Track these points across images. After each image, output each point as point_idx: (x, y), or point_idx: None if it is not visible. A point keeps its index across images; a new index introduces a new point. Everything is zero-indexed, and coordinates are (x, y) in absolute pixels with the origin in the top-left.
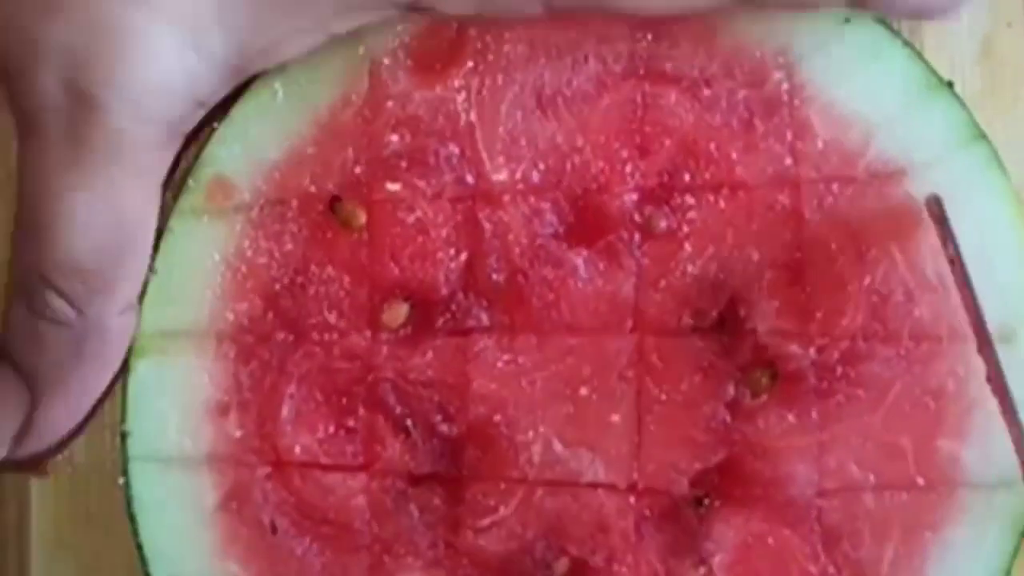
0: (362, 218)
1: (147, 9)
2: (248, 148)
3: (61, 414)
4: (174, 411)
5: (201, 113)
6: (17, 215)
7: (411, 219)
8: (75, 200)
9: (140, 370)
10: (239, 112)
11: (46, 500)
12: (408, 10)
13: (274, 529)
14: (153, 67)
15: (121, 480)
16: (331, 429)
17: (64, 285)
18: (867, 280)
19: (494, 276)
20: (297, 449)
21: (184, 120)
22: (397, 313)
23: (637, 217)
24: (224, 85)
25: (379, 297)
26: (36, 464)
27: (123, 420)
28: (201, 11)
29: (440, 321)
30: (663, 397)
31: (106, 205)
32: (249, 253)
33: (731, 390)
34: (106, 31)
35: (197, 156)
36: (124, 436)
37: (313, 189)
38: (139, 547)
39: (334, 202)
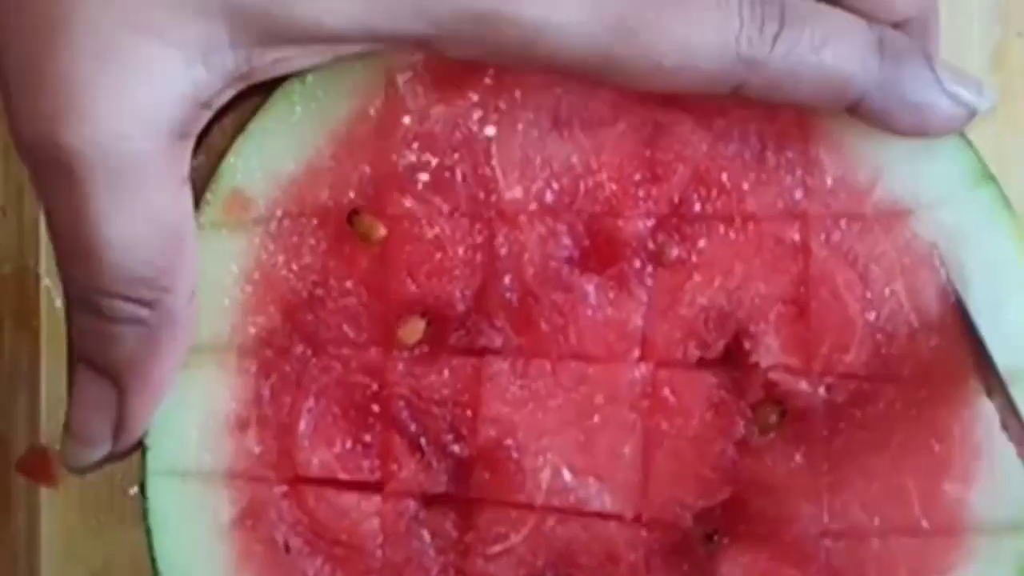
0: (381, 232)
1: (153, 36)
2: (265, 162)
3: (148, 405)
4: (195, 426)
5: (209, 114)
6: (54, 244)
7: (429, 235)
8: (114, 224)
9: None
10: (256, 126)
11: (56, 510)
12: (416, 49)
13: (288, 548)
14: (160, 89)
15: (132, 490)
16: (348, 444)
17: (129, 292)
18: (872, 317)
19: (507, 295)
20: (315, 463)
21: (193, 122)
22: (414, 329)
23: (650, 244)
24: (231, 89)
25: (395, 313)
26: (46, 474)
27: (144, 434)
28: (212, 33)
29: (454, 338)
30: (673, 432)
31: (144, 220)
32: (268, 266)
33: (741, 428)
34: (110, 59)
35: (214, 170)
36: (144, 451)
37: (331, 203)
38: (153, 561)
39: (353, 215)
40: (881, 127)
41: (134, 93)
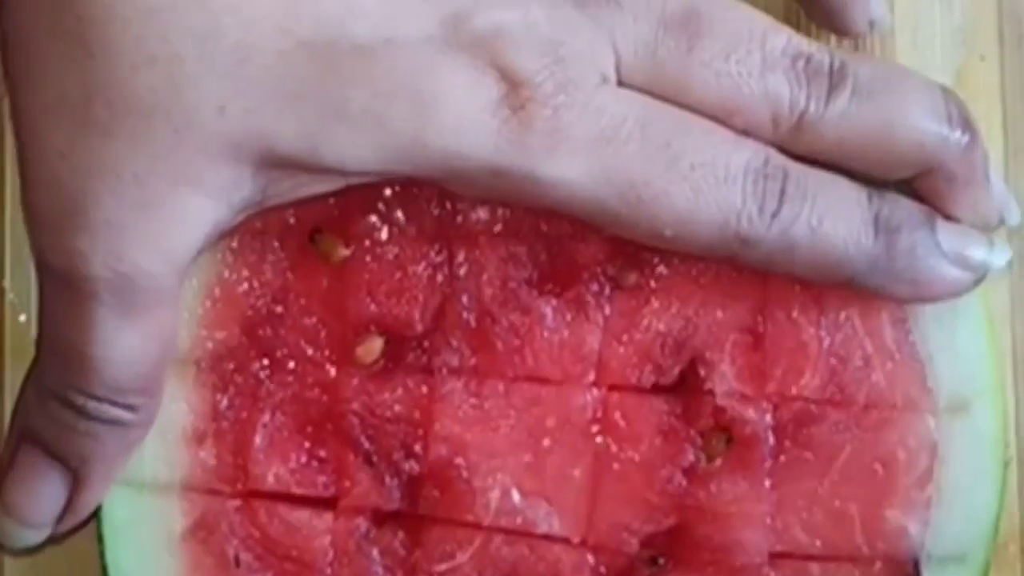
0: (342, 251)
1: (191, 185)
2: None
3: (101, 494)
4: (152, 437)
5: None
6: (44, 343)
7: (389, 254)
8: (120, 345)
9: None
10: None
11: None
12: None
13: (237, 562)
14: (191, 233)
15: None
16: (303, 459)
17: (119, 399)
18: (827, 342)
19: (465, 315)
20: (270, 477)
21: (204, 250)
22: (371, 348)
23: (609, 269)
24: (242, 215)
25: (354, 331)
26: None
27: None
28: (240, 174)
29: (411, 357)
30: (622, 456)
31: (149, 337)
32: (229, 282)
33: (690, 455)
34: (152, 209)
35: None
36: None
37: (293, 221)
38: (104, 570)
39: (315, 234)
40: (880, 294)
41: (169, 239)
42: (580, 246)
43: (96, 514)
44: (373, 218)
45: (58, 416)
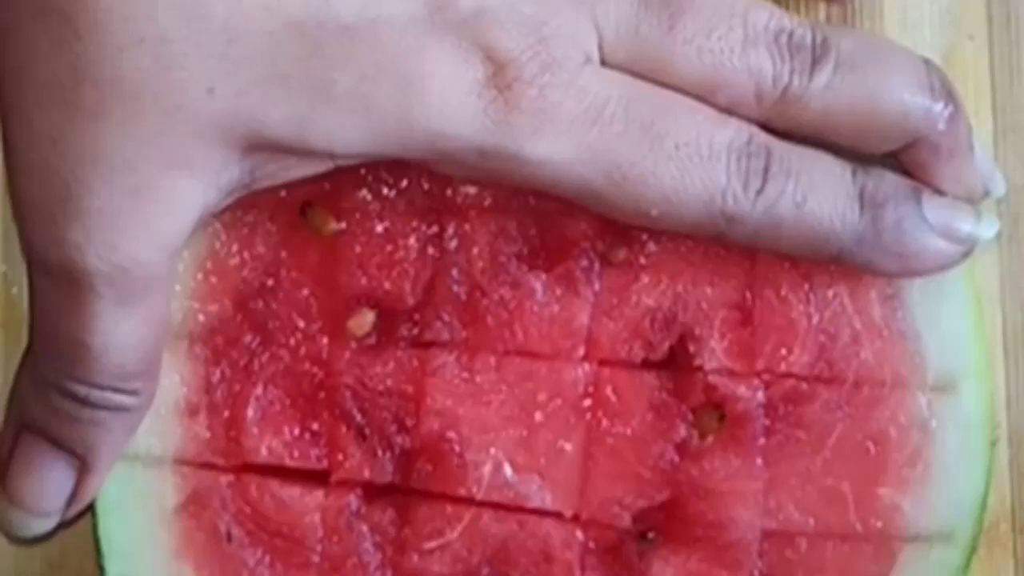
0: (333, 225)
1: (181, 168)
2: None
3: (107, 473)
4: None
5: None
6: (37, 335)
7: (380, 228)
8: (119, 333)
9: None
10: None
11: None
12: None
13: (229, 537)
14: (182, 217)
15: None
16: (296, 432)
17: (121, 386)
18: (816, 319)
19: (455, 289)
20: (263, 450)
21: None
22: (362, 321)
23: (599, 245)
24: (230, 199)
25: (345, 304)
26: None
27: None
28: (228, 157)
29: (403, 330)
30: (614, 431)
31: (146, 323)
32: (221, 255)
33: (682, 431)
34: (143, 195)
35: None
36: None
37: (285, 195)
38: (96, 543)
39: (306, 208)
40: (867, 271)
41: (162, 225)
42: (570, 222)
43: None
44: (363, 192)
45: (60, 407)
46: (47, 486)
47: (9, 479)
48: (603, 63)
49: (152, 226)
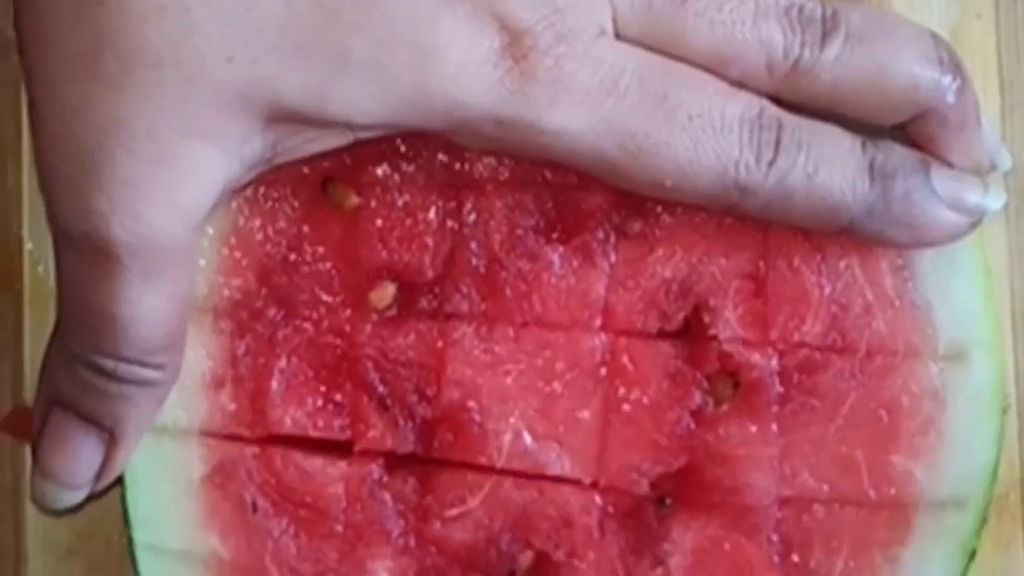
0: (354, 199)
1: (202, 138)
2: None
3: (134, 445)
4: None
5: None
6: (65, 309)
7: (400, 202)
8: (144, 305)
9: None
10: None
11: None
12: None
13: (254, 508)
14: (204, 187)
15: None
16: (319, 403)
17: (147, 359)
18: (828, 289)
19: (474, 262)
20: (287, 421)
21: (217, 206)
22: (383, 294)
23: (614, 217)
24: (252, 173)
25: (366, 278)
26: (31, 432)
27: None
28: (248, 131)
29: (423, 303)
30: (631, 399)
31: (170, 297)
32: (244, 230)
33: (697, 397)
34: (166, 163)
35: None
36: None
37: (306, 171)
38: (125, 513)
39: (327, 183)
40: (877, 243)
41: (184, 195)
42: (585, 195)
43: None
44: (383, 168)
45: (88, 381)
46: (77, 460)
47: (40, 453)
48: (617, 36)
49: (174, 195)
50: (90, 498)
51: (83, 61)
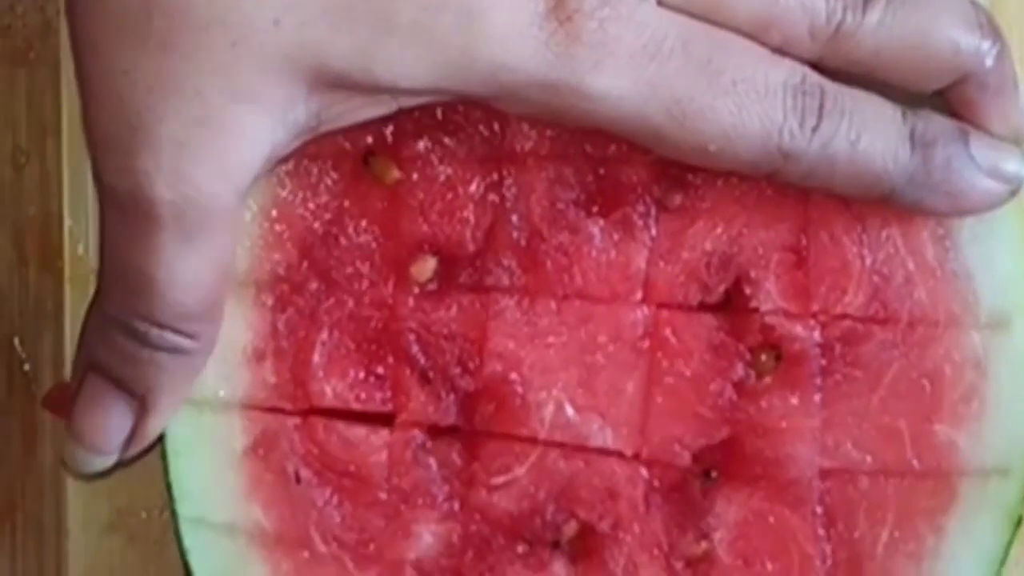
0: (395, 173)
1: (249, 102)
2: None
3: (165, 420)
4: (213, 357)
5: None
6: (105, 268)
7: (441, 176)
8: (183, 268)
9: None
10: None
11: None
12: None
13: (298, 478)
14: (249, 152)
15: None
16: (361, 375)
17: (180, 326)
18: (869, 260)
19: (515, 236)
20: (329, 393)
21: (262, 174)
22: (425, 267)
23: (654, 190)
24: (297, 141)
25: (407, 251)
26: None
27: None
28: (293, 97)
29: (464, 277)
30: (673, 371)
31: (210, 263)
32: (286, 204)
33: (740, 370)
34: (213, 125)
35: None
36: None
37: (347, 145)
38: (168, 486)
39: (368, 157)
40: (917, 211)
41: (229, 157)
42: (626, 168)
43: (161, 434)
44: (424, 142)
45: (121, 346)
46: (107, 425)
47: (73, 417)
48: (659, 3)
49: (220, 157)
50: (119, 465)
51: (132, 23)
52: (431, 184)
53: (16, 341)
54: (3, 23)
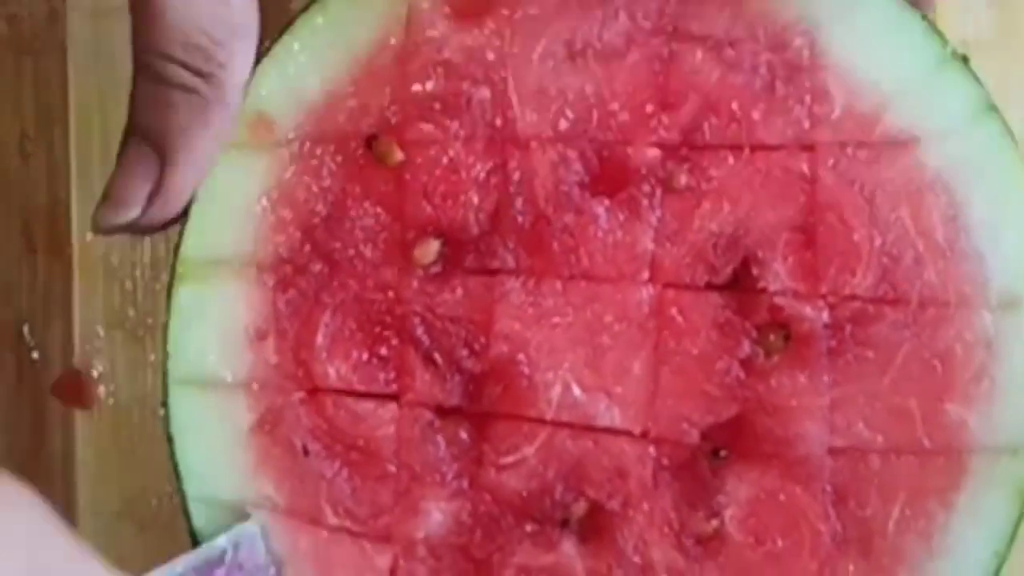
0: (398, 156)
1: None
2: (288, 86)
3: (188, 178)
4: (214, 336)
5: None
6: (132, 11)
7: (444, 159)
8: None
9: (183, 296)
10: (281, 50)
11: (90, 433)
12: None
13: (306, 452)
14: None
15: (162, 411)
16: (364, 357)
17: (185, 57)
18: (878, 242)
19: (520, 218)
20: (332, 375)
21: None
22: (428, 250)
23: (660, 172)
24: None
25: (412, 234)
26: (80, 396)
27: (166, 342)
28: None
29: (469, 259)
30: (680, 350)
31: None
32: (289, 186)
33: (746, 348)
34: None
35: None
36: (166, 358)
37: (350, 128)
38: (175, 467)
39: (372, 139)
40: None
41: None
42: (630, 150)
43: (166, 412)
44: (428, 124)
45: (144, 91)
46: (130, 175)
47: (110, 177)
48: None
49: None
50: (138, 226)
51: None
52: (435, 167)
53: (25, 329)
54: (9, 12)
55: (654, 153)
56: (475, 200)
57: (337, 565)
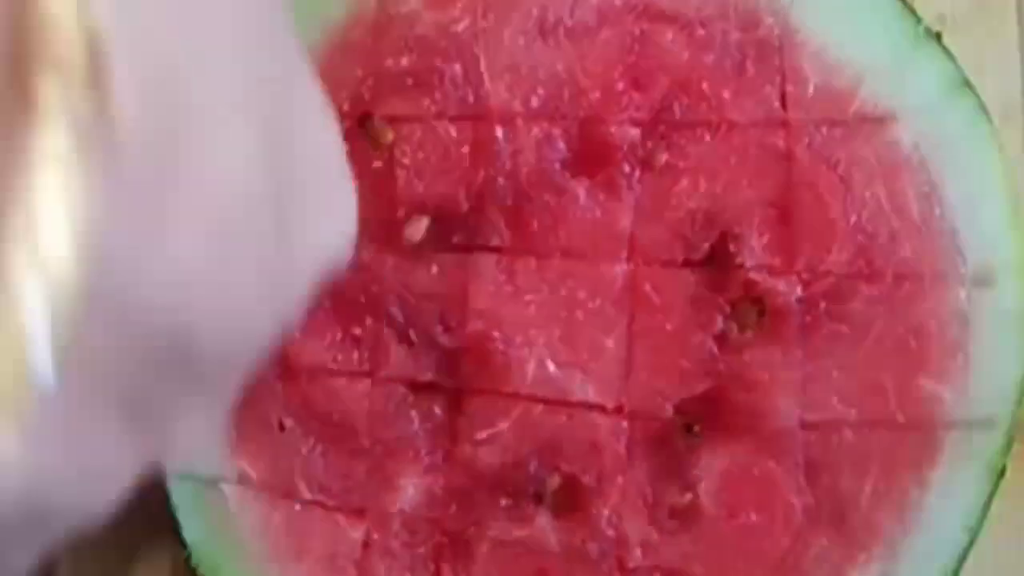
0: (390, 136)
1: None
2: None
3: None
4: None
5: None
6: None
7: (433, 138)
8: None
9: None
10: None
11: None
12: None
13: (282, 427)
14: None
15: None
16: (338, 337)
17: None
18: (853, 219)
19: (502, 196)
20: (306, 355)
21: None
22: (418, 227)
23: (640, 151)
24: None
25: (401, 211)
26: None
27: None
28: None
29: (455, 236)
30: (654, 325)
31: None
32: None
33: (720, 323)
34: None
35: None
36: None
37: (345, 107)
38: None
39: (365, 119)
40: None
41: None
42: (611, 129)
43: None
44: (416, 104)
45: None
46: None
47: None
48: None
49: None
50: None
51: None
52: (423, 146)
53: None
54: None
55: (635, 132)
56: (459, 179)
57: (311, 538)
